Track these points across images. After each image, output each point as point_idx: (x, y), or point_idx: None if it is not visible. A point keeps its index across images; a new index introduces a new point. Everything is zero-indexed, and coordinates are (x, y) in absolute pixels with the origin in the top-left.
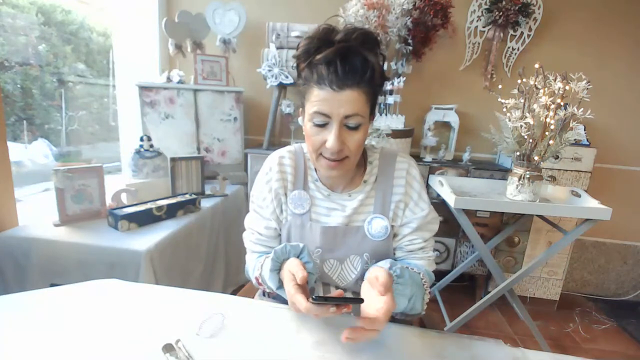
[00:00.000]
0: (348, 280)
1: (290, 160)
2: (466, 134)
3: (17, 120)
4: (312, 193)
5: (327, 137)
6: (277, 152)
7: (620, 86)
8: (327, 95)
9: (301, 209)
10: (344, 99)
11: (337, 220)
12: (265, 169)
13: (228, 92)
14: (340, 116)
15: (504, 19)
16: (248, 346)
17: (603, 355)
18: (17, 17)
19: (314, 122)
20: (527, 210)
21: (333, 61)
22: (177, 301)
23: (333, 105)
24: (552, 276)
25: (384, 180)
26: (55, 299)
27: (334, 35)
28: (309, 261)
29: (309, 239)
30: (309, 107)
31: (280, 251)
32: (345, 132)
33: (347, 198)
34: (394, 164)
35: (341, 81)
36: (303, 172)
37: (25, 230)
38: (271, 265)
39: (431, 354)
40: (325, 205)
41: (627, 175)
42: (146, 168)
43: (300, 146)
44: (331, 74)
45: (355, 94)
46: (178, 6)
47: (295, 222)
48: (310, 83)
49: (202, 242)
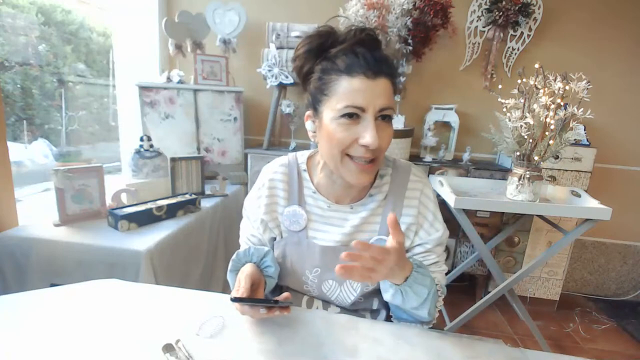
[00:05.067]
0: (347, 302)
1: (282, 176)
2: (466, 134)
3: (17, 120)
4: (309, 208)
5: (362, 133)
6: (270, 167)
7: (620, 86)
8: (362, 84)
9: (297, 226)
10: (380, 89)
11: (335, 237)
12: (258, 183)
13: (228, 92)
14: (377, 108)
15: (504, 19)
16: (248, 346)
17: (603, 355)
18: (17, 17)
19: (344, 116)
20: (527, 210)
21: (359, 49)
22: (177, 301)
23: (369, 95)
24: (552, 276)
25: (395, 200)
26: (55, 299)
27: (338, 35)
28: (271, 265)
29: (307, 258)
30: (336, 101)
31: (243, 253)
32: (379, 126)
33: (349, 211)
34: (407, 182)
35: (377, 67)
36: (298, 185)
37: (25, 230)
38: (231, 265)
39: (431, 354)
40: (324, 221)
41: (627, 175)
42: (146, 168)
43: (295, 156)
44: (363, 60)
45: (388, 83)
46: (178, 6)
47: (292, 239)
48: (334, 74)
49: (202, 242)
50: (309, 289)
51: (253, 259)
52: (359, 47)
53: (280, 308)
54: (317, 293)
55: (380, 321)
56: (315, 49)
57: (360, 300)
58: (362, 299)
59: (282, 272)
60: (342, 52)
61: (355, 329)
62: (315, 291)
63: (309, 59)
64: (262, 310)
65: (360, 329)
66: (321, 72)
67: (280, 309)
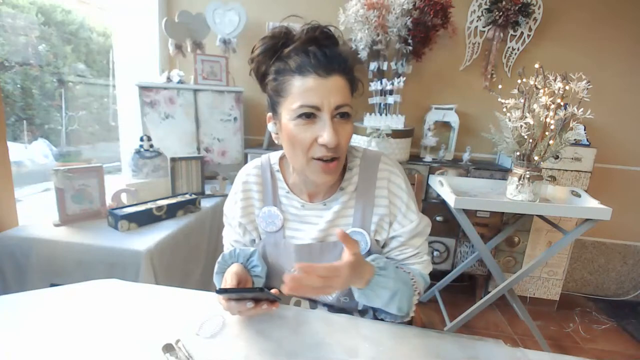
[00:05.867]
0: (328, 299)
1: (256, 177)
2: (466, 134)
3: (17, 120)
4: (285, 208)
5: (319, 132)
6: (244, 170)
7: (620, 86)
8: (314, 83)
9: (273, 227)
10: (333, 86)
11: (310, 235)
12: (234, 188)
13: (228, 92)
14: (332, 106)
15: (504, 19)
16: (248, 346)
17: (603, 355)
18: (17, 17)
19: (300, 117)
20: (527, 210)
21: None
22: (177, 301)
23: (322, 94)
24: (552, 276)
25: (365, 190)
26: (55, 299)
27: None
28: (258, 265)
29: (285, 259)
30: (290, 102)
31: (229, 255)
32: (337, 125)
33: (322, 207)
34: (376, 172)
35: (328, 65)
36: (271, 186)
37: (25, 230)
38: (217, 268)
39: (431, 354)
40: (299, 220)
41: (627, 175)
42: (146, 168)
43: (268, 157)
44: (315, 58)
45: (342, 80)
46: (178, 6)
47: (269, 240)
48: (287, 75)
49: (202, 242)
50: None
51: (239, 260)
52: (310, 46)
53: (268, 302)
54: None
55: (381, 321)
56: (270, 50)
57: (346, 300)
58: (347, 298)
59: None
60: (293, 52)
61: (356, 329)
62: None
63: (263, 60)
64: (248, 304)
65: (360, 329)
66: (275, 73)
67: (268, 303)
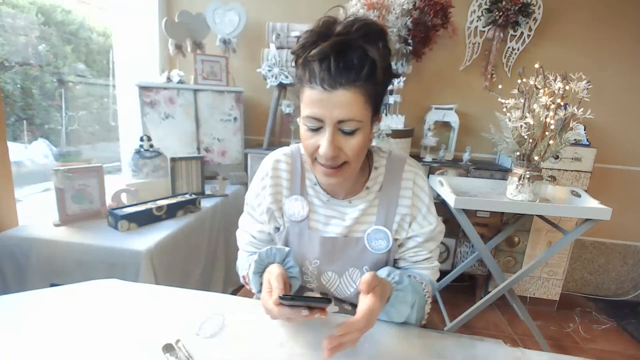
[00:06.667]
0: (346, 294)
1: (286, 165)
2: (466, 134)
3: (17, 120)
4: (311, 199)
5: (320, 142)
6: (273, 155)
7: (620, 86)
8: (319, 96)
9: (299, 216)
10: (337, 101)
11: (336, 230)
12: (261, 173)
13: (228, 92)
14: (334, 120)
15: (504, 19)
16: (248, 346)
17: (603, 355)
18: (17, 17)
19: (307, 126)
20: (527, 210)
21: (327, 57)
22: (177, 301)
23: (325, 107)
24: (552, 276)
25: (390, 190)
26: (55, 299)
27: (334, 28)
28: (294, 265)
29: (308, 249)
30: (303, 107)
31: (265, 254)
32: (341, 137)
33: (348, 205)
34: (401, 173)
35: (333, 79)
36: (300, 175)
37: (25, 230)
38: (254, 267)
39: (431, 354)
40: (324, 213)
41: (627, 175)
42: (146, 168)
43: (298, 147)
44: (323, 71)
45: (349, 94)
46: (178, 6)
47: (294, 229)
48: (303, 82)
49: (202, 242)
50: (309, 280)
51: (276, 259)
52: (328, 52)
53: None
54: (317, 284)
55: (381, 321)
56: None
57: None
58: None
59: None
60: (312, 58)
61: None
62: (314, 282)
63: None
64: (303, 312)
65: None
66: (297, 77)
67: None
